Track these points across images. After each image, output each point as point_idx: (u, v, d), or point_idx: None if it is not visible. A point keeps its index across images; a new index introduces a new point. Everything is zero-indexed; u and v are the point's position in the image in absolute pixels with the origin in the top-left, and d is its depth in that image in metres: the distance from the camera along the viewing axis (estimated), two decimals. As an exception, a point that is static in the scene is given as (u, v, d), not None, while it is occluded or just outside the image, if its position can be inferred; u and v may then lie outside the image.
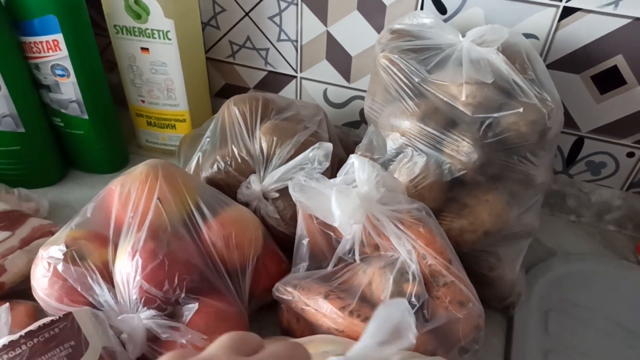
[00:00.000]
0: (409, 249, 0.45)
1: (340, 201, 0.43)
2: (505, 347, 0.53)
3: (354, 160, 0.45)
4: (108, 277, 0.46)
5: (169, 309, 0.44)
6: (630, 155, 0.61)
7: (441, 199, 0.50)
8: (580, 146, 0.62)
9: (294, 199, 0.44)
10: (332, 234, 0.49)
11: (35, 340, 0.37)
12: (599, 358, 0.51)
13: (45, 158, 0.67)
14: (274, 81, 0.73)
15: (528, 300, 0.56)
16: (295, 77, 0.71)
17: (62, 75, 0.60)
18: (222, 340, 0.24)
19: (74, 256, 0.44)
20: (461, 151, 0.47)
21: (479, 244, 0.50)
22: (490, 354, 0.52)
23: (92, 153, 0.68)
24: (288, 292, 0.47)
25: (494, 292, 0.52)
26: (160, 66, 0.64)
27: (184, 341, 0.42)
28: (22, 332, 0.38)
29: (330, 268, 0.49)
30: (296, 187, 0.44)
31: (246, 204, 0.55)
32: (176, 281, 0.43)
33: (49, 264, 0.44)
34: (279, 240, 0.55)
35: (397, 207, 0.46)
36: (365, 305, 0.45)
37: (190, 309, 0.44)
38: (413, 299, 0.44)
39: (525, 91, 0.46)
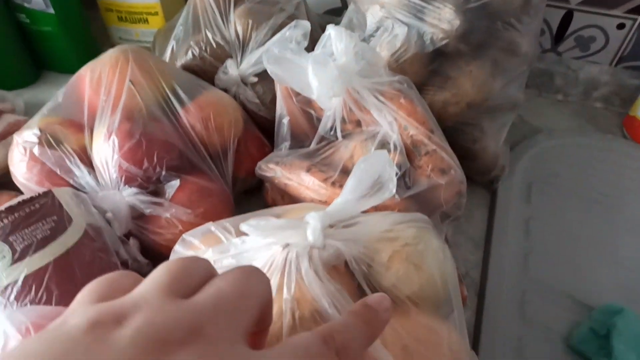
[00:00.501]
0: (390, 121, 0.45)
1: (317, 72, 0.42)
2: (488, 217, 0.54)
3: (330, 31, 0.43)
4: (87, 162, 0.45)
5: (151, 188, 0.44)
6: (621, 26, 0.59)
7: (423, 72, 0.48)
8: (569, 20, 0.60)
9: (268, 72, 0.42)
10: (312, 112, 0.48)
11: (16, 214, 0.37)
12: (578, 223, 0.52)
13: (15, 57, 0.65)
14: (249, -32, 0.68)
15: (512, 174, 0.56)
16: (271, -39, 0.67)
17: (20, -37, 0.56)
18: (158, 278, 0.20)
19: (49, 139, 0.44)
20: (443, 18, 0.45)
21: (463, 116, 0.49)
22: (473, 225, 0.54)
23: (62, 52, 0.66)
24: (270, 168, 0.47)
25: (477, 165, 0.52)
26: (125, -49, 0.60)
27: (168, 215, 0.42)
28: (2, 207, 0.37)
29: (312, 146, 0.48)
30: (270, 59, 0.42)
31: (225, 91, 0.54)
32: (155, 159, 0.43)
33: (25, 148, 0.44)
34: (261, 126, 0.55)
35: (377, 80, 0.45)
36: (347, 177, 0.45)
37: (173, 186, 0.44)
38: (394, 168, 0.44)
39: (509, -52, 0.43)
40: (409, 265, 0.34)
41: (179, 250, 0.37)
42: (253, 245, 0.34)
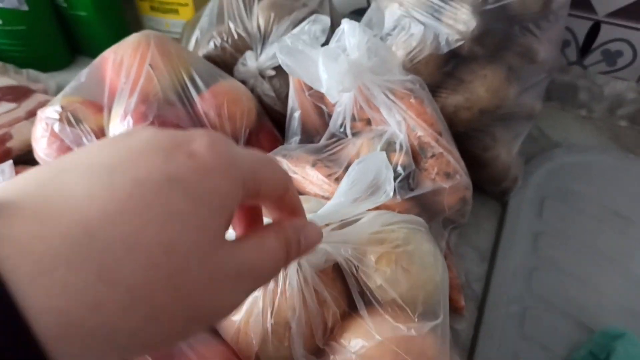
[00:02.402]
0: (399, 120, 0.45)
1: (327, 65, 0.42)
2: (496, 229, 0.53)
3: (344, 25, 0.44)
4: (103, 141, 0.47)
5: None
6: (651, 43, 0.57)
7: (438, 73, 0.48)
8: (596, 33, 0.58)
9: (280, 62, 0.43)
10: (324, 107, 0.49)
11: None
12: (590, 242, 0.50)
13: (51, 40, 0.68)
14: (280, -35, 0.69)
15: (525, 187, 0.55)
16: (301, -41, 0.68)
17: (60, -52, 0.59)
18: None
19: (69, 117, 0.45)
20: (459, 19, 0.45)
21: (475, 122, 0.49)
22: (481, 237, 0.53)
23: (96, 36, 0.68)
24: (277, 161, 0.47)
25: (488, 174, 0.52)
26: (160, -57, 0.62)
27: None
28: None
29: (322, 141, 0.49)
30: (283, 50, 0.43)
31: (243, 83, 0.55)
32: (166, 142, 0.44)
33: (47, 124, 0.46)
34: (276, 121, 0.55)
35: (389, 78, 0.45)
36: (352, 174, 0.45)
37: (180, 170, 0.45)
38: (399, 169, 0.44)
39: (531, -47, 0.43)
40: (397, 267, 0.34)
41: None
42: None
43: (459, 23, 0.44)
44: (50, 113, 0.46)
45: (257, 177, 0.21)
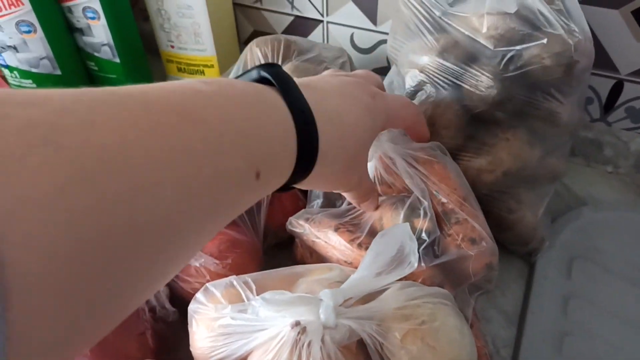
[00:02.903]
0: (422, 187, 0.45)
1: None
2: (524, 292, 0.52)
3: (365, 94, 0.44)
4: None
5: (184, 236, 0.46)
6: (676, 100, 0.57)
7: (459, 137, 0.48)
8: (619, 90, 0.58)
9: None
10: (346, 171, 0.49)
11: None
12: (621, 304, 0.49)
13: (82, 102, 0.70)
14: (301, 26, 0.72)
15: (552, 247, 0.54)
16: (322, 21, 0.70)
17: (93, 18, 0.62)
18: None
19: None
20: (480, 86, 0.45)
21: (498, 185, 0.48)
22: (508, 300, 0.51)
23: (125, 97, 0.71)
24: (300, 225, 0.47)
25: (514, 236, 0.51)
26: (187, 9, 0.65)
27: (197, 264, 0.44)
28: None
29: (344, 206, 0.49)
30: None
31: (265, 144, 0.55)
32: (190, 209, 0.45)
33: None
34: (298, 181, 0.56)
35: (410, 146, 0.46)
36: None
37: (204, 237, 0.45)
38: (424, 235, 0.43)
39: (550, 21, 0.43)
40: (423, 345, 0.33)
41: (201, 299, 0.38)
42: (267, 314, 0.35)
43: (480, 89, 0.45)
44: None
45: (394, 116, 0.39)
